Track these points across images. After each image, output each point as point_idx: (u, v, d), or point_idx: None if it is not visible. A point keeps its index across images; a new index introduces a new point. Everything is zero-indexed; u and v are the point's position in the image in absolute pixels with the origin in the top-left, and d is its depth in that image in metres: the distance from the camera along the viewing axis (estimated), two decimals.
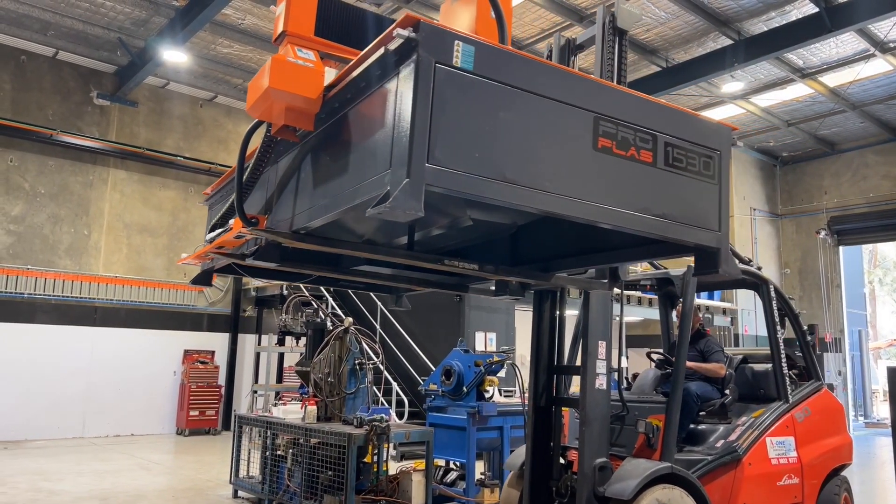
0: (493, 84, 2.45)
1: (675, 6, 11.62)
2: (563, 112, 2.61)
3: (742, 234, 18.50)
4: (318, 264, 3.99)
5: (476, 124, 2.41)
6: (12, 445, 12.19)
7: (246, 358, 16.11)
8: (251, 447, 8.28)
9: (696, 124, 3.05)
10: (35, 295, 13.47)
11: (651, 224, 2.82)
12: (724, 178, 3.02)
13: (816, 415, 5.67)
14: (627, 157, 2.75)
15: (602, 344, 4.51)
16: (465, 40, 2.40)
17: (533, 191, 2.51)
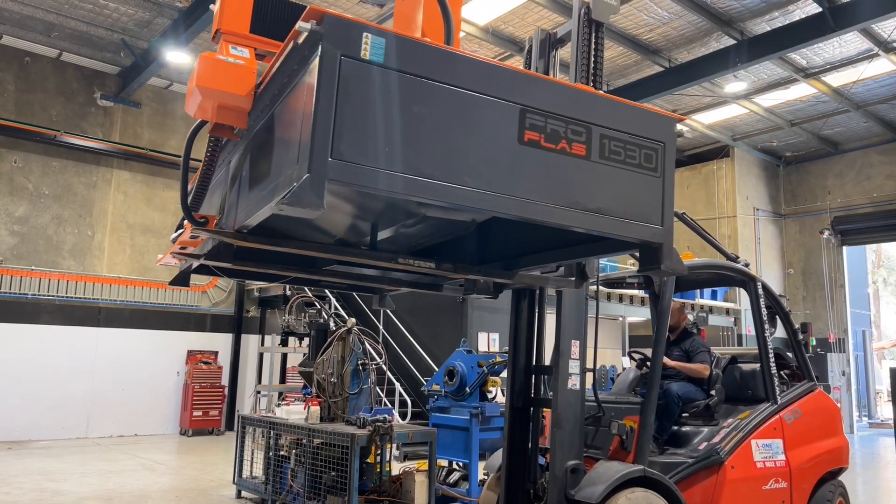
0: (407, 77, 2.39)
1: (677, 6, 11.62)
2: (485, 104, 2.53)
3: (745, 234, 18.48)
4: (285, 264, 3.90)
5: (388, 118, 2.36)
6: (16, 446, 12.23)
7: (249, 358, 16.14)
8: (254, 447, 8.30)
9: (636, 115, 2.93)
10: (39, 295, 13.51)
11: (585, 219, 2.72)
12: (668, 171, 2.91)
13: (808, 416, 5.50)
14: (557, 151, 2.65)
15: (575, 343, 4.42)
16: (374, 32, 2.35)
17: (451, 186, 2.43)
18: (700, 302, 16.20)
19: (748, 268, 5.82)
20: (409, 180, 2.36)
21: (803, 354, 5.92)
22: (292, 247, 3.32)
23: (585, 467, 4.36)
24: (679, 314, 5.94)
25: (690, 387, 5.54)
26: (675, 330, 5.90)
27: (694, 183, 19.31)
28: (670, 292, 5.09)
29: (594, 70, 4.30)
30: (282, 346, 13.75)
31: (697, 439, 5.15)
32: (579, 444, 4.39)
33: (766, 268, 18.94)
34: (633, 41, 12.88)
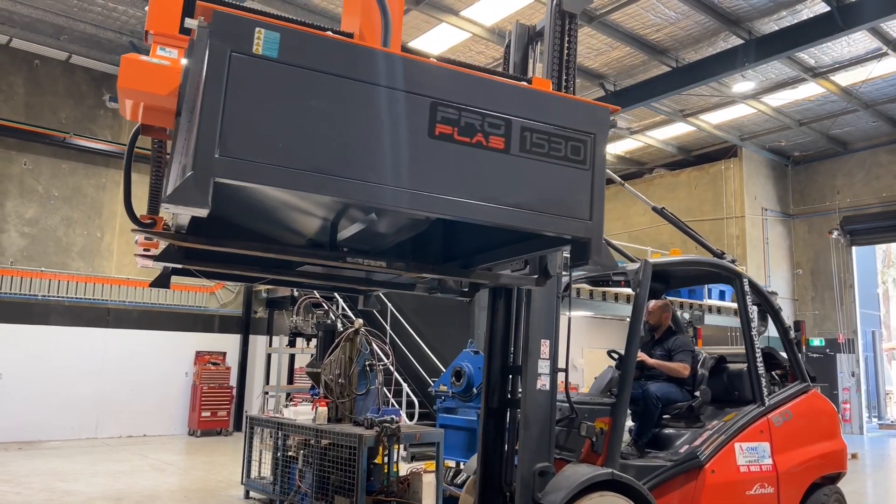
0: (305, 71, 2.35)
1: (685, 6, 11.59)
2: (391, 98, 2.47)
3: (753, 234, 18.41)
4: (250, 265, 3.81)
5: (284, 114, 2.32)
6: (27, 446, 12.31)
7: (257, 359, 16.19)
8: (262, 448, 8.33)
9: (562, 106, 2.83)
10: (49, 297, 13.60)
11: (504, 215, 2.64)
12: (597, 163, 2.79)
13: (800, 419, 5.28)
14: (473, 144, 2.57)
15: (545, 343, 4.31)
16: (267, 27, 2.31)
17: (353, 182, 2.39)
18: (708, 302, 16.14)
19: (735, 264, 5.60)
20: (305, 176, 2.32)
21: (796, 354, 5.65)
22: (232, 247, 3.22)
23: (554, 470, 4.25)
24: (661, 313, 5.77)
25: (672, 387, 5.36)
26: (659, 329, 5.76)
27: (701, 183, 19.26)
28: (645, 290, 4.90)
29: (567, 62, 4.21)
30: (289, 347, 13.79)
31: (679, 442, 4.98)
32: (548, 446, 4.27)
33: (774, 268, 18.86)
34: (641, 41, 12.86)
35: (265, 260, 3.77)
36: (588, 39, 12.87)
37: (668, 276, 6.05)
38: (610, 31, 12.42)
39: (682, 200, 19.50)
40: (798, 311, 19.41)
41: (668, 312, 5.82)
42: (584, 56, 13.58)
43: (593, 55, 13.54)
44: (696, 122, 16.81)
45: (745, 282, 5.44)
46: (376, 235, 3.61)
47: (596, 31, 12.46)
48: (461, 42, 12.96)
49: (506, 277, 3.91)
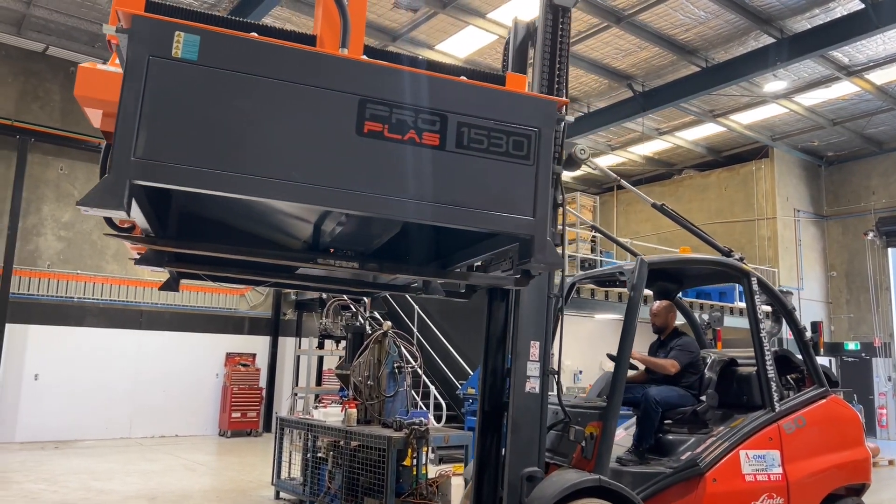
0: (226, 73, 2.34)
1: (714, 5, 11.46)
2: (316, 97, 2.45)
3: (786, 236, 18.11)
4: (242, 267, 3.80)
5: (204, 115, 2.32)
6: (63, 445, 12.58)
7: (286, 361, 16.35)
8: (292, 449, 8.41)
9: (504, 101, 2.74)
10: (84, 299, 13.89)
11: (439, 213, 2.58)
12: (542, 159, 2.68)
13: (815, 426, 4.98)
14: (405, 141, 2.51)
15: (535, 344, 4.20)
16: (187, 30, 2.31)
17: (279, 182, 2.37)
18: (740, 305, 15.91)
19: (742, 262, 5.38)
20: (226, 177, 2.31)
21: (812, 357, 5.32)
22: (202, 249, 3.21)
23: (543, 475, 4.14)
24: (666, 314, 5.63)
25: (674, 391, 5.17)
26: (664, 331, 5.62)
27: (732, 184, 19.00)
28: (640, 290, 4.76)
29: (559, 57, 4.15)
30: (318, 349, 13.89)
31: (682, 448, 4.76)
32: (538, 451, 4.16)
33: (807, 270, 18.52)
34: (669, 41, 12.74)
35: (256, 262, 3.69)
36: (616, 40, 12.79)
37: (679, 276, 5.87)
38: (638, 31, 12.33)
39: (712, 202, 19.25)
40: (832, 314, 19.03)
41: (674, 313, 5.68)
42: (612, 57, 13.49)
43: (621, 56, 13.44)
44: (726, 123, 16.59)
45: (754, 281, 5.20)
46: (359, 236, 3.57)
47: (624, 32, 12.37)
48: (488, 44, 12.96)
49: (483, 278, 3.79)
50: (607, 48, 13.13)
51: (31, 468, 10.02)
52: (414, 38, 12.73)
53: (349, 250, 3.67)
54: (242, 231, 3.49)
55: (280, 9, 11.56)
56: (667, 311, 5.65)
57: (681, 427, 5.08)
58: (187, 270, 3.78)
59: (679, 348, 5.36)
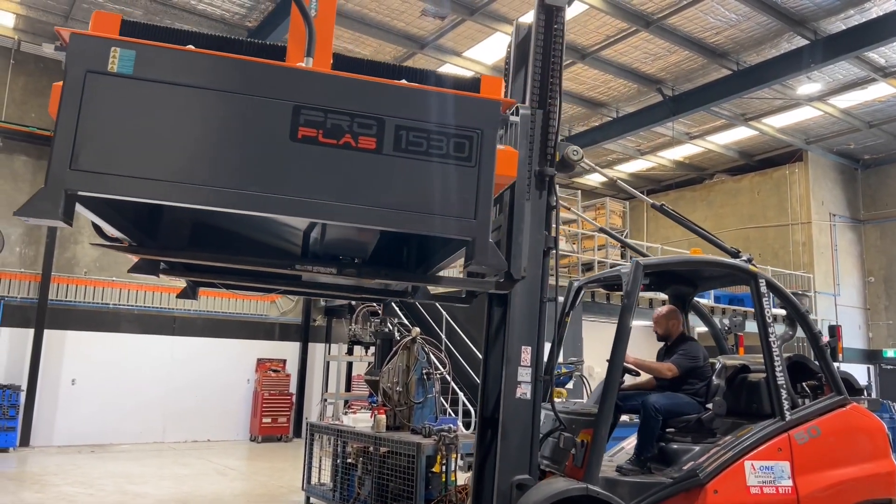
0: (161, 85, 2.42)
1: (745, 7, 11.31)
2: (250, 104, 2.49)
3: (821, 241, 17.75)
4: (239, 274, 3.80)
5: (140, 126, 2.39)
6: (99, 449, 12.82)
7: (316, 366, 16.47)
8: (322, 455, 8.46)
9: (444, 102, 2.70)
10: (119, 305, 14.17)
11: (376, 216, 2.57)
12: (485, 160, 2.65)
13: (831, 436, 4.66)
14: (340, 146, 2.52)
15: (526, 350, 4.12)
16: (123, 45, 2.39)
17: (213, 189, 2.42)
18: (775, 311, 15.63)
19: (751, 263, 5.11)
20: (160, 186, 2.38)
21: (828, 363, 4.98)
22: (186, 257, 3.29)
23: (534, 482, 4.06)
24: (666, 321, 5.44)
25: (678, 398, 4.98)
26: (668, 338, 5.44)
27: (765, 188, 18.69)
28: (635, 292, 4.60)
29: (552, 58, 4.13)
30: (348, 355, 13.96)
31: (685, 458, 4.56)
32: (529, 458, 4.06)
33: (844, 276, 18.12)
34: (699, 45, 12.60)
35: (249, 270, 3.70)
36: (645, 44, 12.69)
37: (694, 280, 5.67)
38: (667, 35, 12.22)
39: (745, 206, 18.95)
40: (871, 320, 18.58)
41: (676, 320, 5.45)
42: (641, 61, 13.39)
43: (650, 60, 13.33)
44: (758, 126, 16.34)
45: (762, 283, 4.92)
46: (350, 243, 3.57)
47: (653, 36, 12.27)
48: None
49: (460, 282, 3.72)
50: (636, 52, 13.04)
51: (68, 471, 10.23)
52: (441, 46, 12.78)
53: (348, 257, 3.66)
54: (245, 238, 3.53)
55: None
56: (666, 319, 5.47)
57: (686, 436, 4.90)
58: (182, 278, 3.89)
59: (681, 353, 5.20)
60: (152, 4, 11.62)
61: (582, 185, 20.48)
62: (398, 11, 11.78)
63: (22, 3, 11.75)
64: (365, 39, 12.66)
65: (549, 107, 4.24)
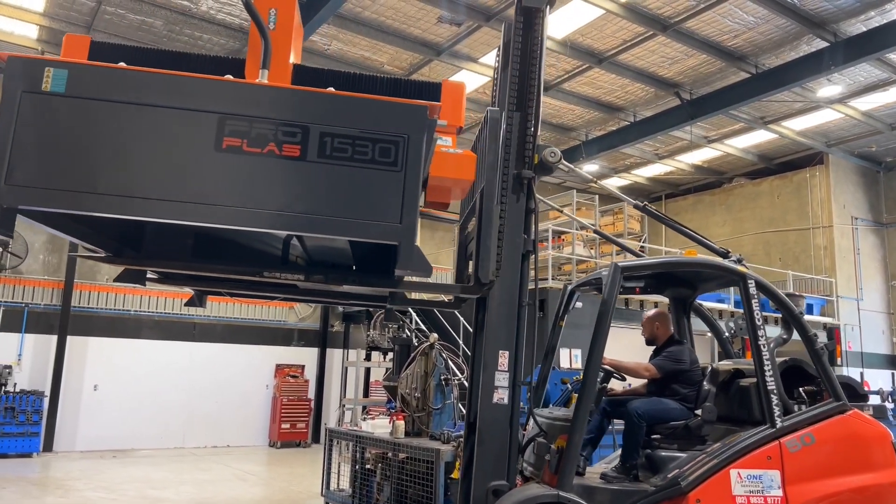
0: (93, 102, 2.54)
1: (764, 10, 11.23)
2: (176, 117, 2.59)
3: (843, 245, 17.51)
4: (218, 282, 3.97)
5: (73, 142, 2.51)
6: (120, 454, 12.95)
7: (334, 372, 16.53)
8: (341, 460, 8.49)
9: (369, 109, 2.75)
10: (140, 312, 14.33)
11: (300, 222, 2.63)
12: (411, 164, 2.67)
13: (826, 444, 4.43)
14: (264, 154, 2.59)
15: (504, 354, 4.07)
16: (56, 66, 2.53)
17: (142, 200, 2.53)
18: None
19: (740, 263, 4.89)
20: (93, 198, 2.51)
21: (825, 367, 4.71)
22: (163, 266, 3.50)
23: (509, 488, 4.02)
24: (651, 324, 5.34)
25: (663, 403, 4.86)
26: (654, 342, 5.34)
27: (785, 192, 18.49)
28: (611, 295, 4.48)
29: (531, 60, 4.09)
30: (366, 361, 14.01)
31: (672, 465, 4.43)
32: (506, 464, 4.02)
33: (867, 280, 17.86)
34: (717, 48, 12.52)
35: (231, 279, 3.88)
36: (662, 48, 12.64)
37: (693, 282, 5.51)
38: (685, 38, 12.15)
39: (765, 210, 18.77)
40: (894, 325, 18.30)
41: (661, 322, 5.35)
42: (658, 65, 13.33)
43: (667, 64, 13.27)
44: (777, 129, 16.19)
45: (751, 283, 4.70)
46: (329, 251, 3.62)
47: (670, 40, 12.22)
48: None
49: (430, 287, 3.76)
50: (653, 56, 12.99)
51: (90, 476, 10.34)
52: (457, 52, 12.81)
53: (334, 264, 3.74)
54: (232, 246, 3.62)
55: (327, 26, 11.79)
56: (651, 322, 5.37)
57: (676, 443, 4.76)
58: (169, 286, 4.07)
59: (664, 355, 5.09)
60: (172, 15, 11.78)
61: (600, 190, 20.40)
62: (414, 19, 11.84)
63: (45, 14, 11.95)
64: (381, 47, 12.73)
65: (527, 109, 4.20)
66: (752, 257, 18.19)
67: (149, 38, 12.53)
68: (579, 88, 14.46)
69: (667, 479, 4.25)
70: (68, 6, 11.68)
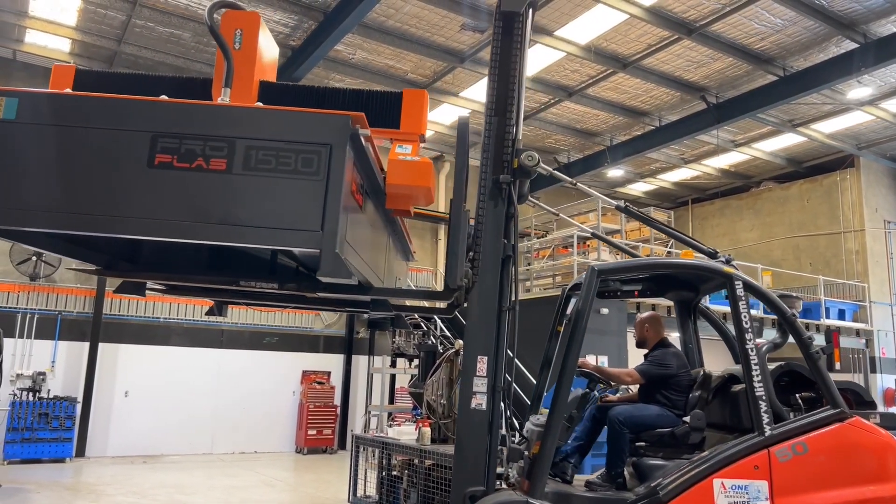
0: (41, 126, 2.79)
1: (791, 12, 11.10)
2: (114, 137, 2.78)
3: (875, 249, 17.17)
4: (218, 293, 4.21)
5: (24, 163, 2.75)
6: (151, 460, 13.13)
7: (359, 379, 16.59)
8: (367, 467, 8.51)
9: (292, 121, 2.87)
10: (169, 319, 14.53)
11: (222, 232, 2.75)
12: (333, 174, 2.75)
13: (822, 454, 4.16)
14: (193, 169, 2.73)
15: (482, 359, 4.06)
16: (8, 95, 2.79)
17: (82, 215, 2.74)
18: (827, 322, 15.17)
19: (729, 263, 4.66)
20: (40, 215, 2.75)
21: (821, 372, 4.43)
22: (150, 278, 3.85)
23: (483, 494, 3.97)
24: (640, 328, 5.26)
25: (647, 410, 4.77)
26: (645, 345, 5.24)
27: (815, 196, 18.20)
28: (585, 299, 4.36)
29: (511, 65, 4.11)
30: (391, 367, 14.05)
31: (657, 474, 4.28)
32: (484, 470, 3.99)
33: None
34: (744, 51, 12.40)
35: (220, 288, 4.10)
36: (687, 52, 12.55)
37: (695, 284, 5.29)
38: (710, 42, 12.06)
39: (794, 214, 18.48)
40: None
41: (652, 325, 5.26)
42: (684, 69, 13.23)
43: (693, 67, 13.17)
44: (806, 132, 15.95)
45: (738, 284, 4.49)
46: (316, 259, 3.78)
47: (695, 43, 12.12)
48: (556, 61, 12.95)
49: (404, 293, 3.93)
50: (679, 60, 12.90)
51: (121, 482, 10.50)
52: (481, 59, 12.84)
53: None
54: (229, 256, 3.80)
55: (352, 35, 11.90)
56: (642, 325, 5.29)
57: (665, 451, 4.62)
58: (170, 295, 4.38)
59: (649, 360, 4.99)
60: (200, 26, 11.97)
61: (625, 195, 20.27)
62: (438, 27, 11.90)
63: (77, 28, 12.23)
64: (405, 55, 12.82)
65: (506, 114, 4.20)
66: (783, 262, 17.91)
67: (177, 51, 12.75)
68: (603, 93, 14.41)
69: (648, 487, 4.14)
70: (99, 20, 11.94)
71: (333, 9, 11.09)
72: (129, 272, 3.79)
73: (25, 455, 12.01)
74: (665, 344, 5.19)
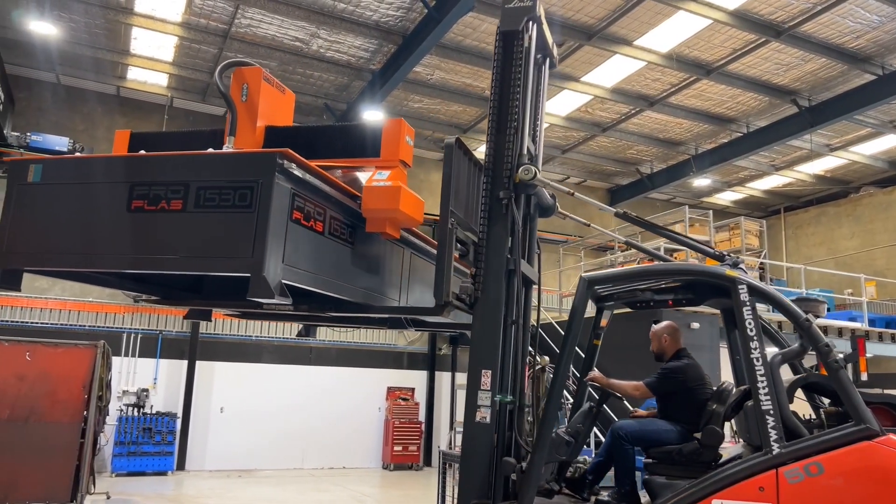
0: (59, 185, 3.48)
1: (889, 8, 10.51)
2: (106, 189, 3.38)
3: None
4: None
5: (48, 216, 3.44)
6: (245, 474, 13.59)
7: (443, 395, 16.66)
8: (454, 483, 8.50)
9: (231, 163, 3.36)
10: (261, 337, 15.07)
11: (177, 263, 3.24)
12: (263, 206, 3.09)
13: (839, 476, 3.70)
14: (158, 210, 3.23)
15: (486, 373, 4.05)
16: (36, 163, 3.49)
17: (82, 255, 3.40)
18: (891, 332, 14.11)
19: (737, 267, 4.36)
20: (59, 256, 3.43)
21: (843, 385, 3.93)
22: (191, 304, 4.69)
23: None
24: (657, 339, 5.00)
25: (654, 424, 4.55)
26: (664, 355, 4.97)
27: None
28: (579, 309, 4.26)
29: (515, 84, 4.21)
30: None
31: (666, 492, 4.05)
32: (487, 482, 3.97)
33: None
34: (838, 50, 11.83)
35: None
36: (775, 55, 12.08)
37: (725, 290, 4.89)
38: (801, 43, 11.56)
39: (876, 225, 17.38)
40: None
41: (668, 336, 4.99)
42: (772, 73, 12.74)
43: (782, 71, 12.66)
44: None
45: (742, 288, 4.16)
46: None
47: (784, 45, 11.66)
48: (636, 71, 12.75)
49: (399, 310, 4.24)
50: (766, 64, 12.43)
51: (220, 494, 10.92)
52: (556, 73, 12.79)
53: None
54: None
55: (430, 57, 12.11)
56: (659, 335, 5.02)
57: (674, 468, 4.34)
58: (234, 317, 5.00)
59: (659, 373, 4.75)
60: (286, 56, 12.49)
61: (713, 205, 19.60)
62: None
63: (174, 63, 12.99)
64: (482, 73, 12.92)
65: (507, 131, 4.26)
66: (887, 271, 16.84)
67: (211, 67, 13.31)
68: (687, 101, 14.05)
69: None
70: (193, 55, 12.65)
71: (412, 32, 11.33)
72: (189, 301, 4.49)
73: (131, 468, 12.68)
74: (681, 355, 4.95)
